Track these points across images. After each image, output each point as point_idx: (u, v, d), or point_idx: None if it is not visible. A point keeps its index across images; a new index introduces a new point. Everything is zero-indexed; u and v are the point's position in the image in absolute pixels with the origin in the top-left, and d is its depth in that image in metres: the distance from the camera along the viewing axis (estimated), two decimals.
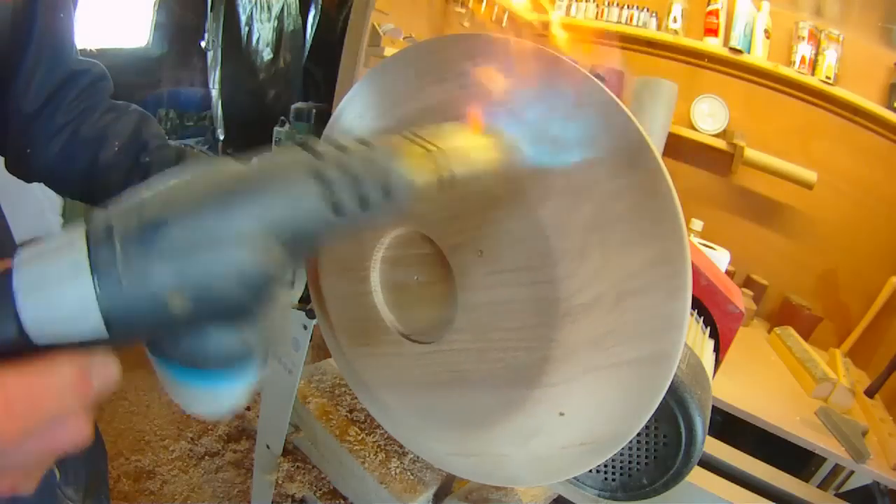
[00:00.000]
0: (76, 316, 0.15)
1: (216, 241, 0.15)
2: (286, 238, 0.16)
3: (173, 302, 0.15)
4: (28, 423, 0.16)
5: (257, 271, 0.16)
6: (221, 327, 0.17)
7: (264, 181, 0.16)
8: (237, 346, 0.18)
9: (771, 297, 1.57)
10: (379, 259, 0.40)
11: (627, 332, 0.31)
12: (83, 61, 0.44)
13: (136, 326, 0.16)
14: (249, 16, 2.23)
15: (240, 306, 0.17)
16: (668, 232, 0.29)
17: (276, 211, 0.16)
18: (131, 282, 0.15)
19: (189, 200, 0.16)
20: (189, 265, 0.15)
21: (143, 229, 0.15)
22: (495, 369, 0.36)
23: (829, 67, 1.45)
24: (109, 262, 0.15)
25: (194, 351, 0.17)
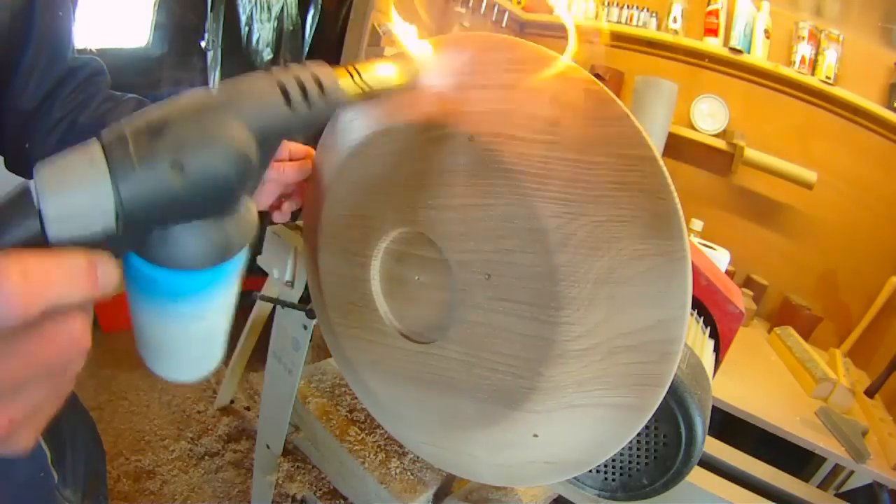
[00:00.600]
0: (91, 203, 0.18)
1: (207, 130, 0.20)
2: (256, 128, 0.21)
3: (174, 179, 0.19)
4: (42, 296, 0.17)
5: (237, 151, 0.20)
6: (206, 218, 0.21)
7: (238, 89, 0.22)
8: (219, 238, 0.21)
9: (771, 297, 1.57)
10: (382, 249, 0.40)
11: (612, 382, 0.32)
12: (80, 58, 0.45)
13: (142, 208, 0.19)
14: (249, 16, 2.23)
15: (223, 184, 0.20)
16: (675, 302, 0.30)
17: (246, 106, 0.21)
18: (140, 164, 0.19)
19: (184, 107, 0.20)
20: (187, 149, 0.19)
21: (150, 127, 0.19)
22: (481, 385, 0.36)
23: (829, 67, 1.45)
24: (123, 153, 0.19)
25: (183, 245, 0.21)
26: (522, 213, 0.31)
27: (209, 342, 0.27)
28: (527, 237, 0.31)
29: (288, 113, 0.22)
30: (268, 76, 0.23)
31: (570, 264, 0.31)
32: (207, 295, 0.23)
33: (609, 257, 0.30)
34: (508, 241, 0.32)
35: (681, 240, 0.29)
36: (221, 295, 0.24)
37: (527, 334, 0.33)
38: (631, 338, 0.31)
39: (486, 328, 0.35)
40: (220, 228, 0.22)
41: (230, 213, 0.22)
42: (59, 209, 0.18)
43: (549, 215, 0.30)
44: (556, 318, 0.31)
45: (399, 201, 0.37)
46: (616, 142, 0.29)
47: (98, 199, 0.18)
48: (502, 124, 0.32)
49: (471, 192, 0.33)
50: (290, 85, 0.23)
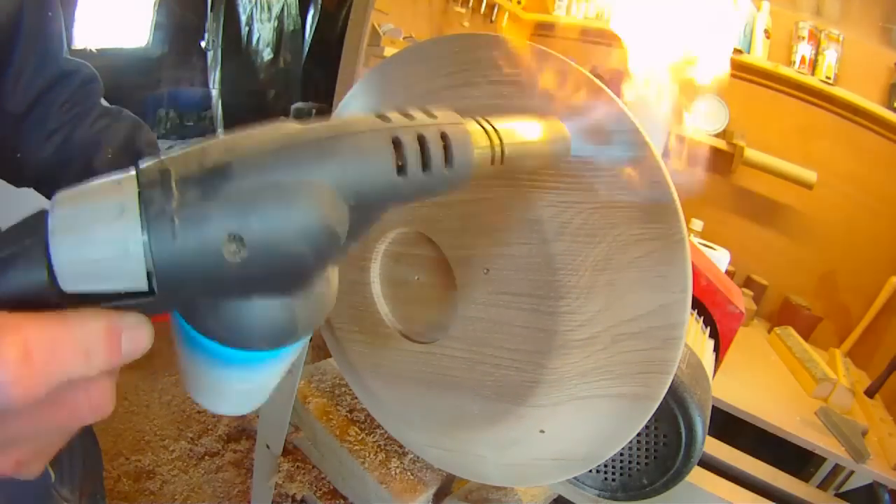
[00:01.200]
0: (116, 260, 0.14)
1: (282, 190, 0.15)
2: (350, 196, 0.16)
3: (229, 251, 0.14)
4: (48, 377, 0.15)
5: (321, 226, 0.15)
6: (269, 296, 0.16)
7: (335, 135, 0.16)
8: (283, 318, 0.17)
9: (771, 297, 1.57)
10: (381, 252, 0.40)
11: (616, 371, 0.32)
12: (73, 61, 0.43)
13: (183, 278, 0.15)
14: (249, 16, 2.23)
15: (297, 265, 0.16)
16: (676, 286, 0.30)
17: (344, 165, 0.16)
18: (185, 225, 0.14)
19: (256, 149, 0.15)
20: (251, 213, 0.14)
21: (205, 173, 0.14)
22: (484, 382, 0.36)
23: (829, 67, 1.45)
24: (163, 203, 0.14)
25: (236, 320, 0.16)
26: (517, 204, 0.31)
27: (255, 397, 0.23)
28: (523, 228, 0.31)
29: (399, 182, 0.17)
30: (380, 127, 0.17)
31: (568, 253, 0.31)
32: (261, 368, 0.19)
33: (606, 243, 0.30)
34: (505, 233, 0.32)
35: (677, 222, 0.29)
36: (276, 369, 0.20)
37: (528, 326, 0.33)
38: (633, 324, 0.31)
39: (487, 323, 0.35)
40: (288, 309, 0.17)
41: (302, 292, 0.17)
42: (73, 262, 0.14)
43: (544, 205, 0.31)
44: (556, 308, 0.31)
45: None
46: (606, 129, 0.29)
47: (125, 262, 0.14)
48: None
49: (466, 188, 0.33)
50: (409, 146, 0.17)
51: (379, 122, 0.17)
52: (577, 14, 1.81)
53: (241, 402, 0.23)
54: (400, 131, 0.17)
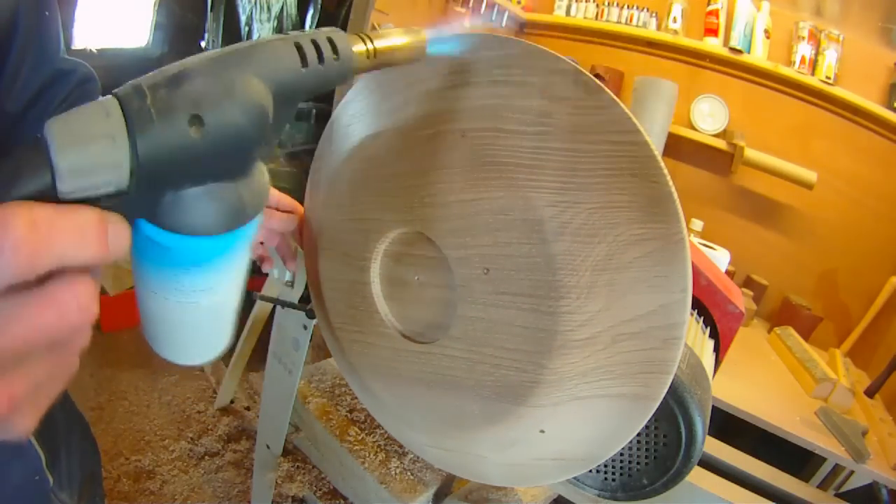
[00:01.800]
0: (108, 159, 0.18)
1: (225, 85, 0.20)
2: (272, 84, 0.21)
3: (192, 129, 0.19)
4: (49, 249, 0.16)
5: (255, 104, 0.20)
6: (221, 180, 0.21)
7: (253, 46, 0.22)
8: (233, 201, 0.21)
9: (771, 297, 1.57)
10: (381, 252, 0.40)
11: (617, 371, 0.32)
12: (70, 60, 0.43)
13: (158, 162, 0.19)
14: (249, 16, 2.23)
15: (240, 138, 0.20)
16: (676, 286, 0.30)
17: (265, 62, 0.21)
18: (158, 113, 0.18)
19: (202, 62, 0.20)
20: (207, 102, 0.19)
21: (168, 79, 0.19)
22: (484, 382, 0.36)
23: (829, 67, 1.45)
24: (140, 106, 0.18)
25: (194, 206, 0.20)
26: (517, 204, 0.31)
27: (219, 320, 0.26)
28: (523, 228, 0.31)
29: (303, 72, 0.22)
30: (284, 37, 0.23)
31: (568, 253, 0.31)
32: (219, 264, 0.23)
33: (606, 244, 0.30)
34: (505, 233, 0.32)
35: (677, 222, 0.29)
36: (233, 266, 0.24)
37: (528, 326, 0.33)
38: (633, 324, 0.31)
39: (487, 323, 0.35)
40: (234, 191, 0.21)
41: (244, 176, 0.22)
42: (72, 162, 0.17)
43: (544, 205, 0.31)
44: (556, 307, 0.31)
45: (396, 202, 0.37)
46: (606, 129, 0.29)
47: (113, 153, 0.18)
48: (494, 118, 0.32)
49: (466, 188, 0.33)
50: (307, 45, 0.23)
51: (283, 35, 0.23)
52: (577, 14, 1.81)
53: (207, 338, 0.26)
54: (299, 38, 0.23)
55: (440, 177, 0.34)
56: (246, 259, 0.25)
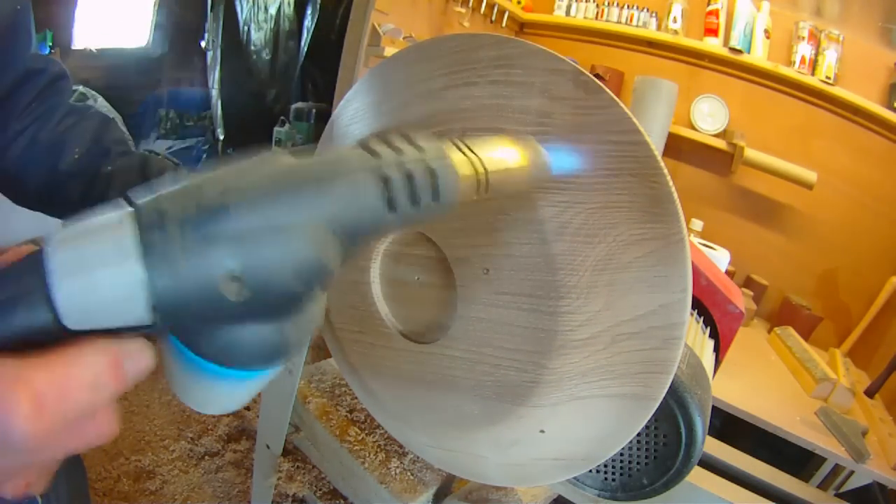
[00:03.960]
0: (119, 301, 0.15)
1: (278, 229, 0.15)
2: (341, 231, 0.17)
3: (229, 289, 0.15)
4: (58, 419, 0.15)
5: (314, 262, 0.16)
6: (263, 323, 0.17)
7: (328, 175, 0.17)
8: (275, 342, 0.18)
9: (771, 297, 1.57)
10: (381, 252, 0.40)
11: (617, 371, 0.32)
12: (40, 58, 0.41)
13: (184, 315, 0.15)
14: (247, 17, 2.23)
15: (291, 298, 0.16)
16: (676, 286, 0.30)
17: (338, 204, 0.16)
18: (187, 267, 0.15)
19: (251, 188, 0.16)
20: (249, 253, 0.15)
21: (202, 214, 0.15)
22: (484, 382, 0.36)
23: (829, 67, 1.45)
24: (163, 244, 0.15)
25: (232, 346, 0.17)
26: (517, 204, 0.31)
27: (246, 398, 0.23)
28: (523, 228, 0.31)
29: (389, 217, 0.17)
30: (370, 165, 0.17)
31: (568, 253, 0.31)
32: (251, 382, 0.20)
33: (606, 244, 0.30)
34: (505, 233, 0.32)
35: (677, 222, 0.29)
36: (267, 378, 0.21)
37: (528, 327, 0.33)
38: (633, 324, 0.31)
39: (487, 323, 0.35)
40: (280, 332, 0.17)
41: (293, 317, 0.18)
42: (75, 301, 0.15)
43: (543, 205, 0.31)
44: (556, 308, 0.31)
45: None
46: (606, 129, 0.29)
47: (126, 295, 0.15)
48: (494, 118, 0.32)
49: None
50: (397, 181, 0.17)
51: (368, 159, 0.17)
52: (577, 14, 1.81)
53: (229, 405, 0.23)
54: (389, 169, 0.17)
55: None
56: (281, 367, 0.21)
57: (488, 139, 0.22)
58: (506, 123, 0.31)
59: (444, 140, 0.20)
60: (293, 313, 0.18)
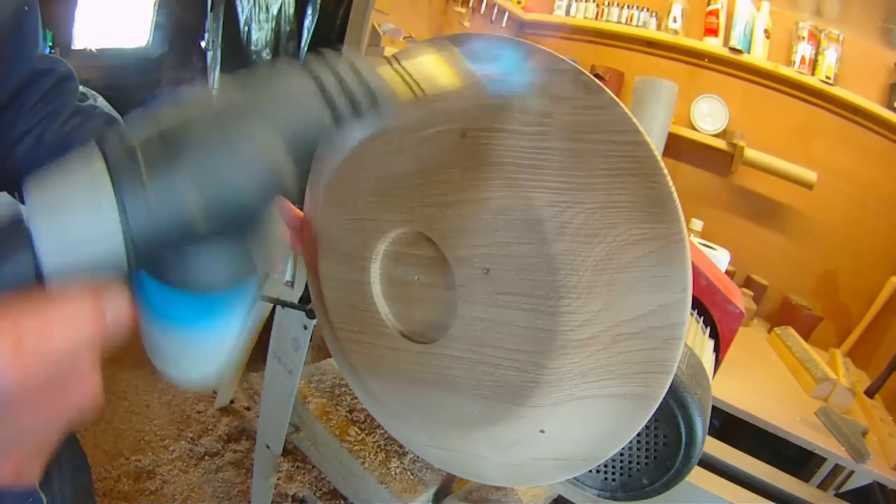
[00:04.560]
0: (97, 240, 0.15)
1: (235, 148, 0.16)
2: (291, 140, 0.18)
3: (195, 213, 0.16)
4: (40, 362, 0.15)
5: (271, 170, 0.17)
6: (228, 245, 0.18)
7: (271, 90, 0.18)
8: (242, 261, 0.19)
9: (771, 297, 1.57)
10: (381, 251, 0.40)
11: (617, 371, 0.32)
12: (47, 58, 0.41)
13: (156, 241, 0.16)
14: (248, 17, 2.23)
15: (253, 210, 0.17)
16: (676, 286, 0.30)
17: (284, 116, 0.18)
18: (158, 196, 0.15)
19: (205, 113, 0.17)
20: (213, 174, 0.16)
21: (164, 140, 0.16)
22: (484, 382, 0.36)
23: (829, 67, 1.45)
24: (131, 172, 0.15)
25: (203, 269, 0.18)
26: (518, 204, 0.31)
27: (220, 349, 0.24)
28: (523, 228, 0.31)
29: (330, 123, 0.19)
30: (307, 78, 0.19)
31: (568, 253, 0.31)
32: (224, 311, 0.21)
33: (606, 244, 0.30)
34: (505, 233, 0.32)
35: (677, 223, 0.29)
36: (237, 311, 0.22)
37: (528, 326, 0.33)
38: (633, 324, 0.31)
39: (488, 323, 0.35)
40: (242, 248, 0.19)
41: (254, 232, 0.19)
42: (55, 241, 0.15)
43: (544, 205, 0.31)
44: (556, 308, 0.31)
45: (396, 202, 0.37)
46: (606, 129, 0.29)
47: (102, 230, 0.15)
48: (494, 118, 0.32)
49: (466, 188, 0.33)
50: (337, 94, 0.19)
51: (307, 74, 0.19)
52: (577, 14, 1.81)
53: (203, 361, 0.24)
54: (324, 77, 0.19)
55: (440, 177, 0.34)
56: (252, 301, 0.22)
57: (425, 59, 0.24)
58: (506, 123, 0.31)
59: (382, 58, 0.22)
60: (256, 229, 0.19)
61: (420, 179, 0.35)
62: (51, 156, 0.41)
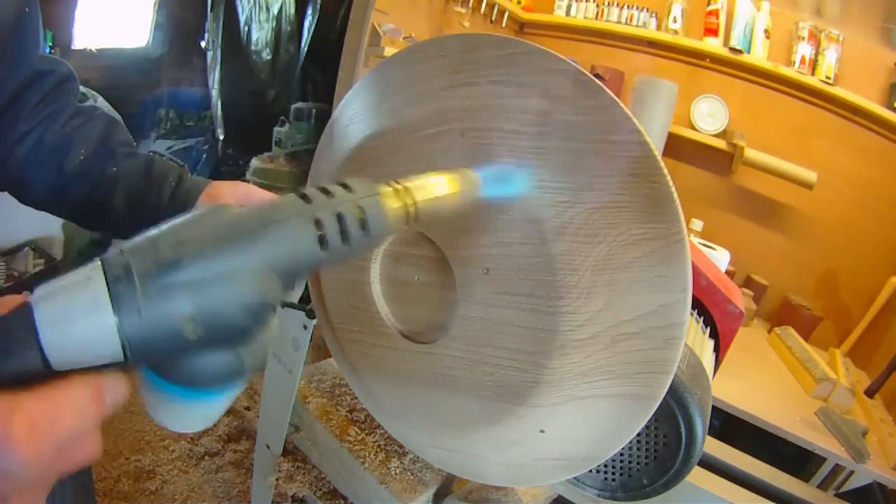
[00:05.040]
0: (97, 344, 0.18)
1: (224, 277, 0.18)
2: (282, 271, 0.20)
3: (186, 329, 0.18)
4: (50, 443, 0.17)
5: (259, 301, 0.19)
6: (221, 350, 0.20)
7: (265, 224, 0.19)
8: (234, 365, 0.20)
9: (771, 297, 1.57)
10: (381, 251, 0.40)
11: (617, 371, 0.32)
12: (48, 59, 0.41)
13: (151, 351, 0.18)
14: (248, 16, 2.23)
15: (242, 331, 0.19)
16: (676, 286, 0.30)
17: (275, 249, 0.19)
18: (150, 313, 0.18)
19: (200, 242, 0.19)
20: (201, 298, 0.18)
21: (160, 268, 0.18)
22: (484, 382, 0.36)
23: (829, 67, 1.45)
24: (129, 296, 0.18)
25: (196, 372, 0.20)
26: (517, 204, 0.31)
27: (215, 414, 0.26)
28: (523, 228, 0.31)
29: (321, 254, 0.20)
30: (302, 210, 0.20)
31: (568, 253, 0.31)
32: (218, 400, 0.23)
33: (606, 244, 0.30)
34: (505, 233, 0.32)
35: (677, 222, 0.29)
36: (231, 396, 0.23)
37: (528, 326, 0.33)
38: (633, 324, 0.31)
39: (488, 323, 0.35)
40: (236, 356, 0.20)
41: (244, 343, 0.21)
42: (59, 346, 0.17)
43: (543, 205, 0.31)
44: (556, 308, 0.31)
45: None
46: (606, 129, 0.29)
47: (102, 339, 0.18)
48: (494, 118, 0.32)
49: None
50: (329, 224, 0.20)
51: (301, 206, 0.20)
52: (577, 14, 1.81)
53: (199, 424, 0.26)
54: (320, 212, 0.20)
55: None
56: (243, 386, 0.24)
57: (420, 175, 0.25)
58: (506, 123, 0.32)
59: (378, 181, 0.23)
60: (246, 342, 0.20)
61: None
62: (51, 156, 0.41)
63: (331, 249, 0.20)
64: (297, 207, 0.20)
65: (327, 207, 0.20)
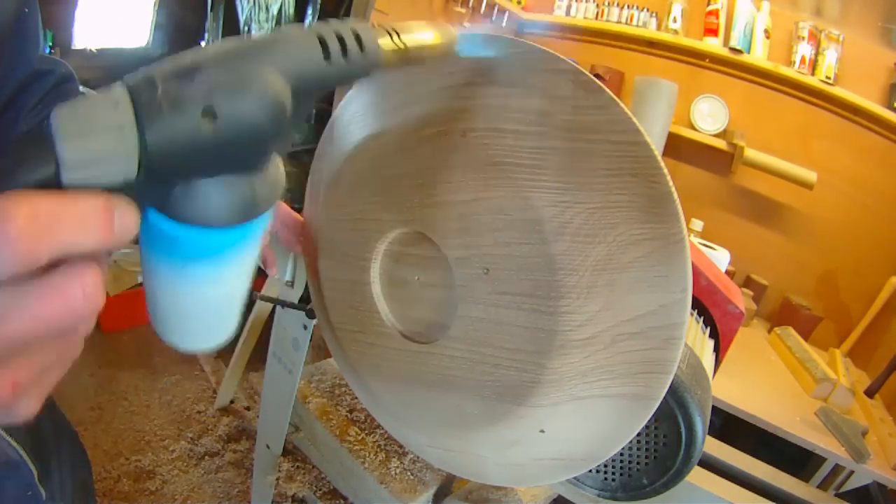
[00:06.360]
0: (115, 150, 0.17)
1: (241, 78, 0.19)
2: (291, 78, 0.20)
3: (204, 124, 0.18)
4: (50, 240, 0.16)
5: (272, 98, 0.19)
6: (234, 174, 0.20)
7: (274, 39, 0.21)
8: (247, 195, 0.21)
9: (771, 297, 1.57)
10: (381, 252, 0.40)
11: (617, 371, 0.32)
12: (48, 59, 0.41)
13: (168, 156, 0.18)
14: (248, 16, 2.23)
15: (256, 133, 0.19)
16: (676, 286, 0.30)
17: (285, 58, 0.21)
18: (169, 105, 0.18)
19: (217, 53, 0.19)
20: (220, 93, 0.18)
21: (180, 72, 0.19)
22: (484, 382, 0.36)
23: (829, 67, 1.45)
24: (151, 95, 0.18)
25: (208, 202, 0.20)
26: (517, 204, 0.31)
27: (225, 309, 0.26)
28: (523, 228, 0.31)
29: (325, 66, 0.22)
30: (306, 29, 0.22)
31: (568, 253, 0.31)
32: (229, 256, 0.22)
33: (606, 244, 0.30)
34: (505, 233, 0.32)
35: (677, 222, 0.29)
36: (243, 258, 0.23)
37: (528, 326, 0.33)
38: (633, 324, 0.31)
39: (488, 323, 0.35)
40: (248, 184, 0.21)
41: (259, 169, 0.21)
42: (77, 153, 0.17)
43: (544, 205, 0.31)
44: (556, 308, 0.31)
45: (396, 202, 0.37)
46: (605, 128, 0.29)
47: (121, 144, 0.17)
48: (494, 118, 0.32)
49: (466, 188, 0.33)
50: (330, 38, 0.22)
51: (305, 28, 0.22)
52: (577, 14, 1.81)
53: (211, 326, 0.26)
54: (322, 31, 0.22)
55: (440, 177, 0.34)
56: (256, 251, 0.24)
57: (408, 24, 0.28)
58: (506, 123, 0.32)
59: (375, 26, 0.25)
60: (259, 161, 0.21)
61: (420, 179, 0.35)
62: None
63: (333, 62, 0.22)
64: (301, 28, 0.22)
65: (328, 27, 0.22)
